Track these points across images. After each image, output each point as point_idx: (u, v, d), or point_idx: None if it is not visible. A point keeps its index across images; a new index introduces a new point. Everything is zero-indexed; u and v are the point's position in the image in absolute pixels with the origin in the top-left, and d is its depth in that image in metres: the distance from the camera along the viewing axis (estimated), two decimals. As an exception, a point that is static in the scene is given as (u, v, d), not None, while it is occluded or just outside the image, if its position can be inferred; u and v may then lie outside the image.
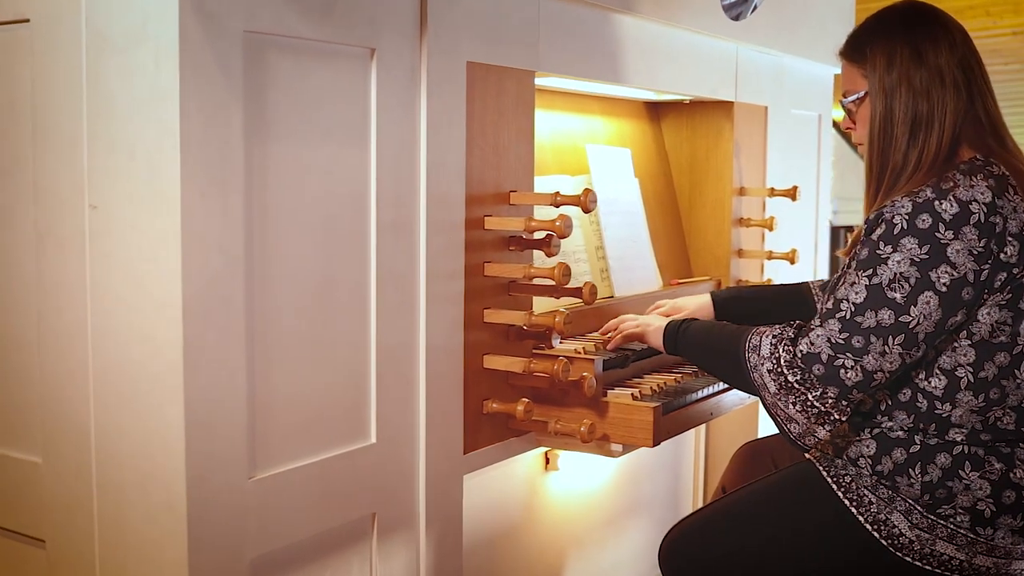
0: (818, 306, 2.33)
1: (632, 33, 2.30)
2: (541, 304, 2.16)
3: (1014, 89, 8.48)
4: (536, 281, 2.05)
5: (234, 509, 1.53)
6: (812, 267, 3.27)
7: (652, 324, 2.14)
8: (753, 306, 2.28)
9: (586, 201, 1.94)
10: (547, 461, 2.39)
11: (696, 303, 2.31)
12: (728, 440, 3.04)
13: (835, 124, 4.25)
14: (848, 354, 1.76)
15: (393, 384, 1.79)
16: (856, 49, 1.96)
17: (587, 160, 2.44)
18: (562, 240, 2.00)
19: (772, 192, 2.75)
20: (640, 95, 2.64)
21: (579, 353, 2.10)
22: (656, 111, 2.83)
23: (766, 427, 3.07)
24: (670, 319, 2.15)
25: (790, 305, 2.30)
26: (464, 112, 1.88)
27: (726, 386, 2.24)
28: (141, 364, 1.48)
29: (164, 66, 1.42)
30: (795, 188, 2.72)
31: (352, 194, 1.70)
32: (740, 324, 2.00)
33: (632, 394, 2.06)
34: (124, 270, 1.49)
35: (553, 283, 1.94)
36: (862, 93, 1.94)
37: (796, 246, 3.01)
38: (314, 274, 1.64)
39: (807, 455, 2.01)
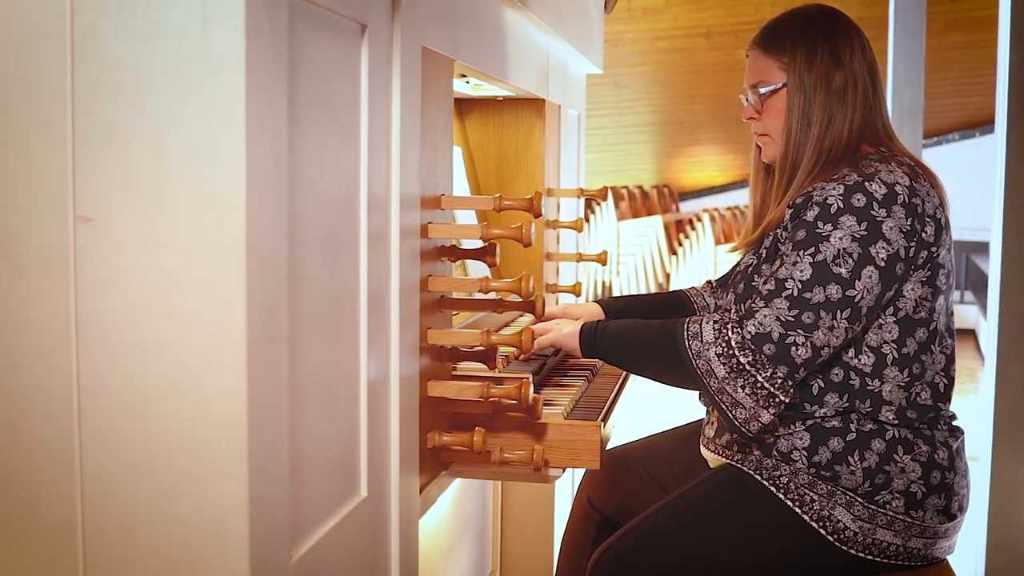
0: (701, 303, 2.33)
1: (514, 26, 2.12)
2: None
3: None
4: (457, 295, 1.83)
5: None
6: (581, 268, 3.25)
7: (563, 328, 2.04)
8: (645, 314, 2.22)
9: (538, 205, 1.74)
10: (415, 493, 2.14)
11: (588, 310, 2.21)
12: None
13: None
14: (799, 331, 1.80)
15: (377, 422, 1.50)
16: (775, 42, 2.00)
17: (441, 159, 2.22)
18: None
19: (581, 193, 2.69)
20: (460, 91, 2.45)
21: (499, 370, 1.90)
22: (459, 108, 2.65)
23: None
24: (581, 322, 2.05)
25: (677, 312, 2.28)
26: (420, 102, 1.62)
27: (616, 392, 2.15)
28: (167, 425, 1.10)
29: (217, 20, 1.06)
30: (605, 188, 2.68)
31: (346, 196, 1.39)
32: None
33: (562, 412, 1.89)
34: (135, 304, 1.10)
35: (512, 297, 1.73)
36: (779, 84, 1.98)
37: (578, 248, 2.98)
38: (324, 295, 1.32)
39: (728, 460, 1.98)
